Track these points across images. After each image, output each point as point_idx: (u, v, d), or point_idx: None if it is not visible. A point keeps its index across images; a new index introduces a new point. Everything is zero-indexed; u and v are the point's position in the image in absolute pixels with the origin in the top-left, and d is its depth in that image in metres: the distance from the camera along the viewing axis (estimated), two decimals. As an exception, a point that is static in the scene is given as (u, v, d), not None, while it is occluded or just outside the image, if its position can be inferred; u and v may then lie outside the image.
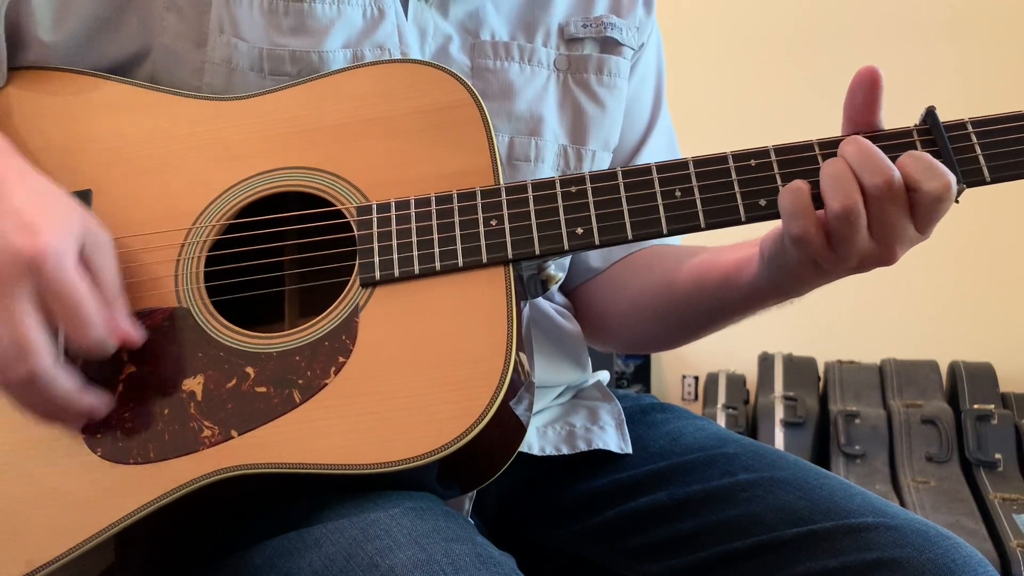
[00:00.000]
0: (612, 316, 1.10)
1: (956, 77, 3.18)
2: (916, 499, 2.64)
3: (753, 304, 0.95)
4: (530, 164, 0.99)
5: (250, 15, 0.91)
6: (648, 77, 1.13)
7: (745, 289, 0.93)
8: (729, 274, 0.94)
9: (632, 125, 1.11)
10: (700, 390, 3.40)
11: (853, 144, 0.80)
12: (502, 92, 0.99)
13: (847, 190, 0.78)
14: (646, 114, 1.13)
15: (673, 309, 1.03)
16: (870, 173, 0.78)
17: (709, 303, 0.99)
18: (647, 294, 1.06)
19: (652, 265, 1.07)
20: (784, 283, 0.88)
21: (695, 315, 1.02)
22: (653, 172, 0.83)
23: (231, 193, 0.87)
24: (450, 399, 0.76)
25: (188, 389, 0.81)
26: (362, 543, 0.71)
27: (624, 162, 1.11)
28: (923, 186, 0.78)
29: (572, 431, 1.03)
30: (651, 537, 0.95)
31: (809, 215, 0.79)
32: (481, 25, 0.99)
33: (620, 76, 1.05)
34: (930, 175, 0.78)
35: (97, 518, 0.78)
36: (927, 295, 3.16)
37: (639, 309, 1.07)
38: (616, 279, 1.09)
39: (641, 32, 1.09)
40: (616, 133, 1.07)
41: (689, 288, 1.00)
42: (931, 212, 0.79)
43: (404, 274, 0.82)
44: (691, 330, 1.06)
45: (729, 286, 0.94)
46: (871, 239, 0.79)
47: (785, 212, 0.80)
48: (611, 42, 1.05)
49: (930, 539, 0.84)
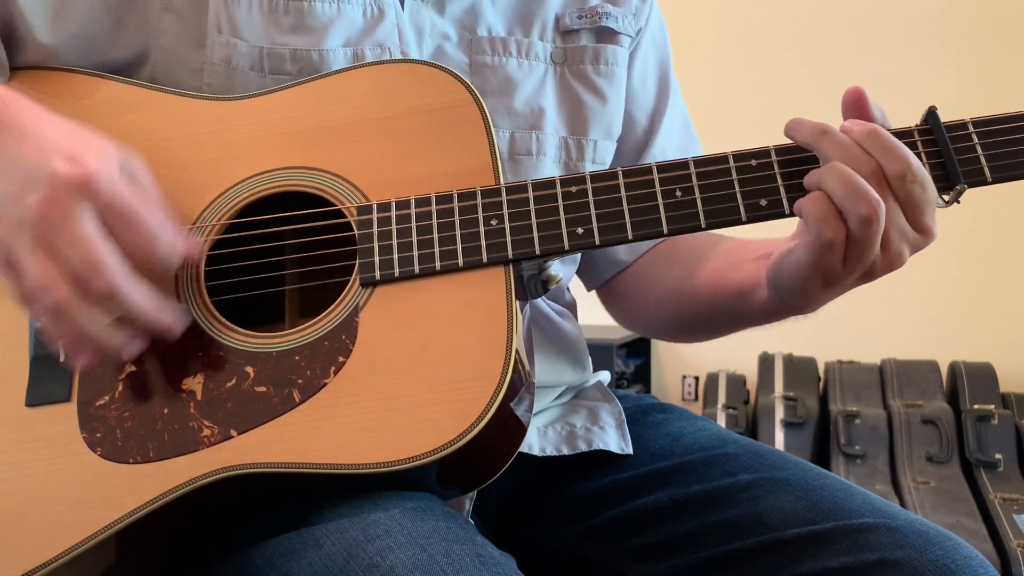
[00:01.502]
0: (640, 309, 1.13)
1: (956, 77, 3.18)
2: (916, 499, 2.64)
3: (769, 319, 0.96)
4: (532, 158, 0.99)
5: (249, 14, 0.91)
6: (650, 62, 1.13)
7: (758, 308, 0.93)
8: (743, 292, 0.95)
9: (639, 110, 1.11)
10: (700, 390, 3.40)
11: (833, 171, 0.79)
12: (501, 88, 0.99)
13: (837, 219, 0.78)
14: (651, 99, 1.13)
15: (693, 315, 1.06)
16: (855, 204, 0.77)
17: (727, 315, 1.01)
18: (669, 297, 1.07)
19: (673, 261, 1.08)
20: (795, 302, 0.88)
21: (715, 323, 1.05)
22: (654, 172, 0.83)
23: (231, 193, 0.87)
24: (450, 399, 0.76)
25: (188, 388, 0.81)
26: (362, 543, 0.71)
27: (637, 149, 1.12)
28: (887, 167, 0.78)
29: (572, 431, 1.03)
30: (652, 537, 0.95)
31: (839, 217, 0.78)
32: (478, 21, 0.99)
33: (618, 65, 1.05)
34: (892, 156, 0.78)
35: (97, 517, 0.77)
36: (927, 295, 3.17)
37: (662, 309, 1.09)
38: (641, 275, 1.11)
39: (638, 18, 1.09)
40: (618, 121, 1.07)
41: (707, 298, 1.01)
42: (911, 197, 0.78)
43: (404, 274, 0.82)
44: (712, 333, 1.09)
45: (744, 302, 0.95)
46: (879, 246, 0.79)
47: (813, 218, 0.79)
48: (607, 32, 1.05)
49: (930, 540, 0.84)
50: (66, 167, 0.72)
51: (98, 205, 0.73)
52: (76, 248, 0.72)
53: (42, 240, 0.72)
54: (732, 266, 0.99)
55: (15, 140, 0.75)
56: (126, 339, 0.77)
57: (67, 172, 0.72)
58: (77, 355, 0.77)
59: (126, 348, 0.78)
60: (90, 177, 0.72)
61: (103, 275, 0.72)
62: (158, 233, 0.75)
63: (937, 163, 0.81)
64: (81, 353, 0.77)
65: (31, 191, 0.72)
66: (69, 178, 0.72)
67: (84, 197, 0.72)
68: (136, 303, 0.75)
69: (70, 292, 0.72)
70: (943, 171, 0.81)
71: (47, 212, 0.71)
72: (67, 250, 0.72)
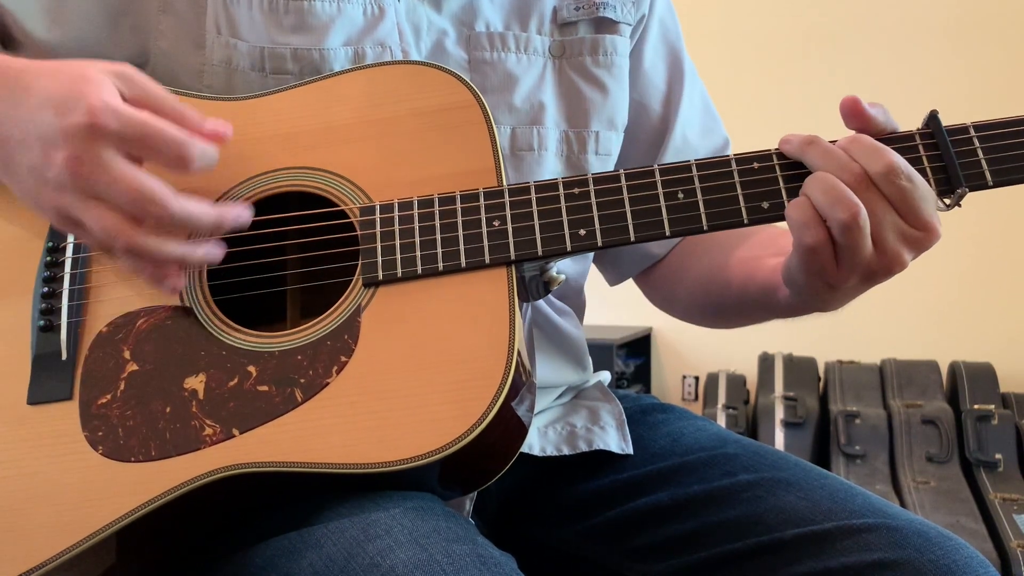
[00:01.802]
0: (676, 299, 1.14)
1: (959, 81, 3.18)
2: (916, 499, 2.64)
3: (795, 313, 0.96)
4: (533, 153, 0.99)
5: (249, 14, 0.91)
6: (659, 48, 1.13)
7: (783, 304, 0.93)
8: (767, 288, 0.95)
9: (651, 98, 1.11)
10: (700, 390, 3.40)
11: (816, 182, 0.80)
12: (501, 84, 0.99)
13: (819, 224, 0.78)
14: (663, 85, 1.12)
15: (725, 304, 1.06)
16: (837, 209, 0.78)
17: (756, 307, 1.01)
18: (700, 289, 1.08)
19: (705, 252, 1.09)
20: (810, 302, 0.88)
21: (746, 313, 1.05)
22: (656, 174, 0.84)
23: (234, 193, 0.87)
24: (451, 399, 0.76)
25: (190, 387, 0.81)
26: (363, 543, 0.71)
27: (656, 137, 1.12)
28: (871, 168, 0.78)
29: (573, 431, 1.03)
30: (652, 537, 0.95)
31: (819, 224, 0.79)
32: (475, 17, 0.99)
33: (618, 54, 1.05)
34: (874, 157, 0.78)
35: (98, 516, 0.77)
36: (927, 295, 3.17)
37: (696, 297, 1.10)
38: (674, 266, 1.13)
39: (638, 5, 1.08)
40: (622, 111, 1.06)
41: (737, 291, 1.02)
42: (902, 193, 0.78)
43: (407, 274, 0.82)
44: (747, 321, 1.09)
45: (769, 298, 0.95)
46: (872, 248, 0.79)
47: (795, 224, 0.80)
48: (605, 22, 1.04)
49: (931, 540, 0.84)
50: (71, 119, 0.74)
51: (115, 140, 0.74)
52: (117, 189, 0.74)
53: (87, 192, 0.75)
54: (758, 260, 0.99)
55: (13, 104, 0.77)
56: (206, 249, 0.80)
57: (74, 123, 0.74)
58: (165, 280, 0.80)
59: (207, 256, 0.81)
60: (91, 117, 0.73)
61: (152, 204, 0.75)
62: (183, 138, 0.76)
63: (938, 166, 0.81)
64: (168, 278, 0.80)
65: (52, 152, 0.74)
66: (77, 128, 0.74)
67: (99, 138, 0.74)
68: (192, 215, 0.77)
69: (132, 230, 0.76)
70: (944, 174, 0.81)
71: (75, 168, 0.74)
72: (111, 193, 0.75)
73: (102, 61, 0.79)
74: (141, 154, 0.76)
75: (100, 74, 0.77)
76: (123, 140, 0.74)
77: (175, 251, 0.78)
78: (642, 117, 1.10)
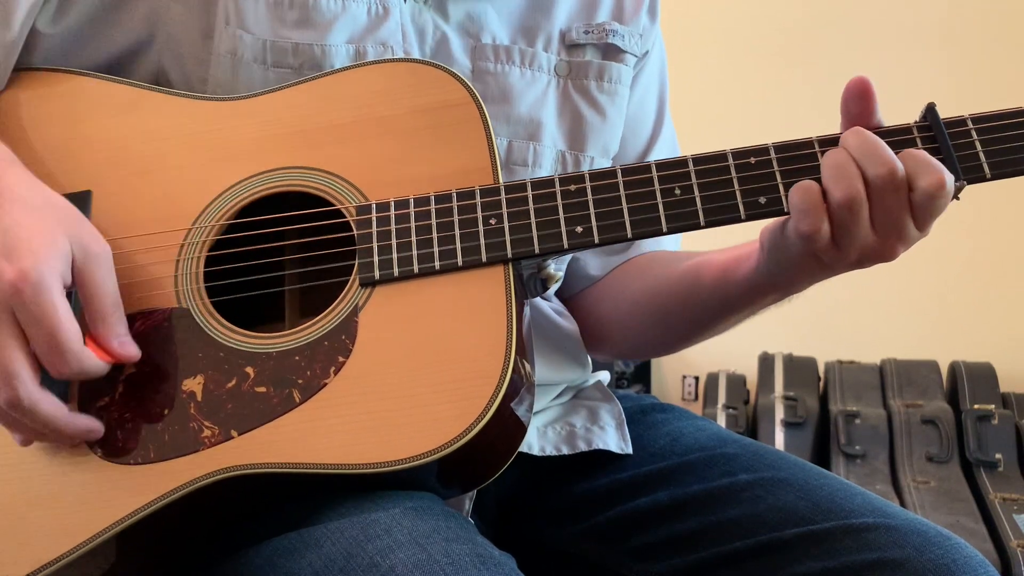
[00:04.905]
0: (612, 321, 1.10)
1: (954, 78, 3.18)
2: (916, 499, 2.64)
3: (752, 299, 0.94)
4: (527, 168, 0.99)
5: (255, 7, 0.92)
6: (652, 86, 1.13)
7: (743, 283, 0.92)
8: (727, 268, 0.94)
9: (635, 134, 1.11)
10: (700, 390, 3.40)
11: (856, 136, 0.80)
12: (502, 96, 0.99)
13: (850, 179, 0.78)
14: (649, 123, 1.13)
15: (672, 307, 1.03)
16: (872, 164, 0.78)
17: (707, 299, 0.98)
18: (647, 294, 1.06)
19: (651, 268, 1.07)
20: (783, 276, 0.87)
21: (694, 312, 1.02)
22: (652, 170, 0.83)
23: (231, 193, 0.87)
24: (450, 398, 0.76)
25: (188, 389, 0.81)
26: (362, 543, 0.71)
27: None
28: (918, 182, 0.78)
29: (572, 431, 1.03)
30: (651, 537, 0.95)
31: (820, 212, 0.79)
32: (482, 28, 0.99)
33: (621, 83, 1.05)
34: (924, 171, 0.78)
35: (98, 518, 0.78)
36: (927, 295, 3.16)
37: (639, 309, 1.07)
38: (615, 284, 1.09)
39: (645, 40, 1.09)
40: (615, 140, 1.07)
41: (688, 284, 1.00)
42: (927, 208, 0.79)
43: (403, 273, 0.82)
44: (691, 330, 1.06)
45: (727, 280, 0.94)
46: (873, 232, 0.79)
47: (796, 208, 0.80)
48: (613, 49, 1.05)
49: (930, 539, 0.84)
50: (1, 264, 0.74)
51: (19, 310, 0.74)
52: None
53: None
54: (712, 255, 0.98)
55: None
56: (46, 438, 0.79)
57: (4, 276, 0.73)
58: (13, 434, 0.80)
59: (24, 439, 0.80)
60: (18, 279, 0.74)
61: (7, 385, 0.74)
62: (68, 349, 0.75)
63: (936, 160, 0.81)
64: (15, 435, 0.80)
65: None
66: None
67: (8, 299, 0.74)
68: (40, 415, 0.76)
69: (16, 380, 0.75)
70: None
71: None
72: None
73: (83, 224, 0.80)
74: (31, 337, 0.75)
75: (69, 241, 0.77)
76: (25, 316, 0.74)
77: (9, 424, 0.78)
78: (625, 151, 1.09)
